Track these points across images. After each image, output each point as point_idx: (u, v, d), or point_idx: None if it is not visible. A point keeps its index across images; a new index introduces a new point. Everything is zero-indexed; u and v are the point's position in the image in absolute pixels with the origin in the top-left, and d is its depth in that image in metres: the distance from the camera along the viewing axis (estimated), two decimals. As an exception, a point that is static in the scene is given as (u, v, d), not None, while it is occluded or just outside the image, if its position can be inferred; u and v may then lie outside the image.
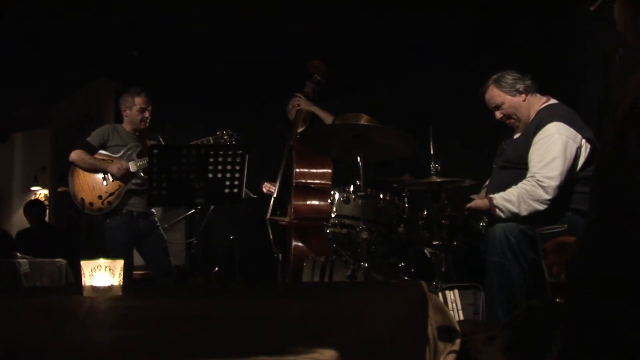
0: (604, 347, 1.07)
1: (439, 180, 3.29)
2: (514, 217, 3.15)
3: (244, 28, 5.38)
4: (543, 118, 3.25)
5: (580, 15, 4.24)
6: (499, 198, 3.20)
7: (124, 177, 4.38)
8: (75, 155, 4.43)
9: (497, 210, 3.19)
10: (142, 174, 4.39)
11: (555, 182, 3.08)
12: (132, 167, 4.40)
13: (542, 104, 3.36)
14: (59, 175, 7.42)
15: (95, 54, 5.95)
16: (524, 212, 3.13)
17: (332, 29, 5.31)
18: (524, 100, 3.38)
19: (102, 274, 1.73)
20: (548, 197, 3.08)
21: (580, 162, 3.15)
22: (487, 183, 3.62)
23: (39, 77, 6.74)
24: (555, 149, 3.10)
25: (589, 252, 1.12)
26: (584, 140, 3.14)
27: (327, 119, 4.60)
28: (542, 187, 3.09)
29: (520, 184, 3.17)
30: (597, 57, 3.96)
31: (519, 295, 2.99)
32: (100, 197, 4.40)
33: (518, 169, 3.29)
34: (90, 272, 1.74)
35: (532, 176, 3.14)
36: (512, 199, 3.15)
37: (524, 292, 3.00)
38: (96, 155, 4.47)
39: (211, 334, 1.01)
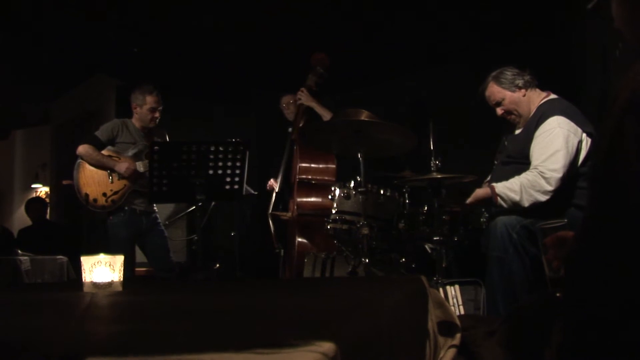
0: (602, 342, 1.07)
1: (439, 176, 3.29)
2: (515, 207, 3.16)
3: (245, 23, 5.37)
4: (544, 112, 3.25)
5: (581, 11, 4.23)
6: (501, 186, 3.20)
7: (131, 177, 4.35)
8: (82, 149, 4.38)
9: (498, 198, 3.19)
10: (148, 176, 4.36)
11: (557, 175, 3.08)
12: (140, 167, 4.35)
13: (543, 99, 3.37)
14: (60, 172, 7.43)
15: (95, 51, 5.95)
16: (525, 203, 3.13)
17: (332, 23, 5.30)
18: (524, 96, 3.39)
19: (102, 269, 1.73)
20: (550, 188, 3.08)
21: (581, 157, 3.15)
22: (488, 179, 3.62)
23: (39, 74, 6.74)
24: (556, 142, 3.10)
25: (587, 246, 1.12)
26: (584, 135, 3.14)
27: (326, 115, 4.58)
28: (544, 178, 3.09)
29: (522, 175, 3.17)
30: (597, 52, 3.96)
31: (520, 290, 2.99)
32: (104, 194, 4.36)
33: (520, 164, 3.29)
34: (91, 268, 1.74)
35: (535, 168, 3.14)
36: (515, 188, 3.15)
37: (525, 287, 3.00)
38: (104, 152, 4.41)
39: (210, 328, 1.01)
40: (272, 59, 5.95)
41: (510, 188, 3.17)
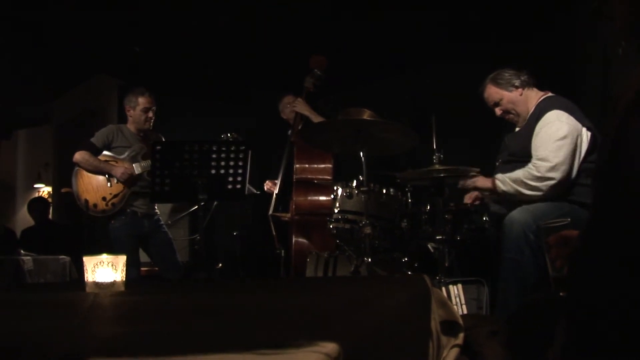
0: (606, 342, 1.07)
1: (442, 170, 3.26)
2: (515, 193, 3.20)
3: (245, 23, 5.37)
4: (542, 109, 3.29)
5: (582, 10, 4.23)
6: (500, 175, 3.27)
7: (128, 181, 4.35)
8: (79, 156, 4.38)
9: (497, 181, 3.25)
10: (146, 177, 4.35)
11: (546, 163, 3.13)
12: (137, 169, 4.34)
13: (541, 97, 3.41)
14: (62, 172, 7.43)
15: (97, 50, 5.95)
16: (525, 190, 3.17)
17: (333, 22, 5.30)
18: (521, 95, 3.44)
19: (104, 269, 1.73)
20: (538, 174, 3.13)
21: (582, 151, 3.16)
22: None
23: (41, 74, 6.75)
24: (555, 134, 3.14)
25: (591, 245, 1.11)
26: (584, 129, 3.16)
27: None
28: (535, 167, 3.15)
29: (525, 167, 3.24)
30: (599, 52, 3.96)
31: (534, 292, 2.97)
32: (104, 198, 4.35)
33: (522, 163, 3.30)
34: (93, 268, 1.74)
35: (538, 159, 3.19)
36: (513, 176, 3.22)
37: (539, 289, 2.97)
38: (100, 157, 4.41)
39: (213, 328, 1.01)
40: (272, 58, 5.95)
41: (509, 176, 3.24)
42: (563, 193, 3.16)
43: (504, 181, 3.24)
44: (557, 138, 3.13)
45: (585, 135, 3.16)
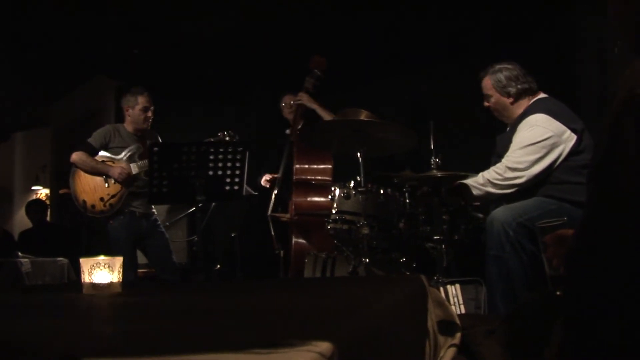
0: (602, 341, 1.07)
1: (439, 174, 3.28)
2: (486, 195, 3.26)
3: (243, 25, 5.37)
4: (527, 112, 3.30)
5: (577, 9, 4.25)
6: (467, 181, 3.30)
7: (126, 181, 4.35)
8: (76, 157, 4.38)
9: (470, 187, 3.29)
10: (143, 177, 4.35)
11: (515, 166, 3.17)
12: (134, 169, 4.35)
13: (532, 100, 3.39)
14: (60, 174, 7.44)
15: (95, 52, 5.95)
16: (493, 190, 3.23)
17: (333, 23, 5.30)
18: (512, 104, 3.41)
19: (101, 271, 1.73)
20: (510, 176, 3.17)
21: (564, 153, 3.17)
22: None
23: (39, 75, 6.74)
24: (528, 139, 3.17)
25: (587, 243, 1.12)
26: (568, 132, 3.16)
27: (327, 117, 4.57)
28: (507, 169, 3.18)
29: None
30: (594, 50, 3.98)
31: (519, 287, 3.00)
32: (102, 199, 4.35)
33: None
34: (90, 270, 1.73)
35: (505, 160, 3.23)
36: (480, 180, 3.25)
37: (524, 284, 3.00)
38: (97, 157, 4.42)
39: (208, 328, 1.01)
40: (271, 59, 5.95)
41: (477, 180, 3.27)
42: (551, 191, 3.17)
43: (472, 186, 3.26)
44: (528, 143, 3.16)
45: (569, 137, 3.17)
